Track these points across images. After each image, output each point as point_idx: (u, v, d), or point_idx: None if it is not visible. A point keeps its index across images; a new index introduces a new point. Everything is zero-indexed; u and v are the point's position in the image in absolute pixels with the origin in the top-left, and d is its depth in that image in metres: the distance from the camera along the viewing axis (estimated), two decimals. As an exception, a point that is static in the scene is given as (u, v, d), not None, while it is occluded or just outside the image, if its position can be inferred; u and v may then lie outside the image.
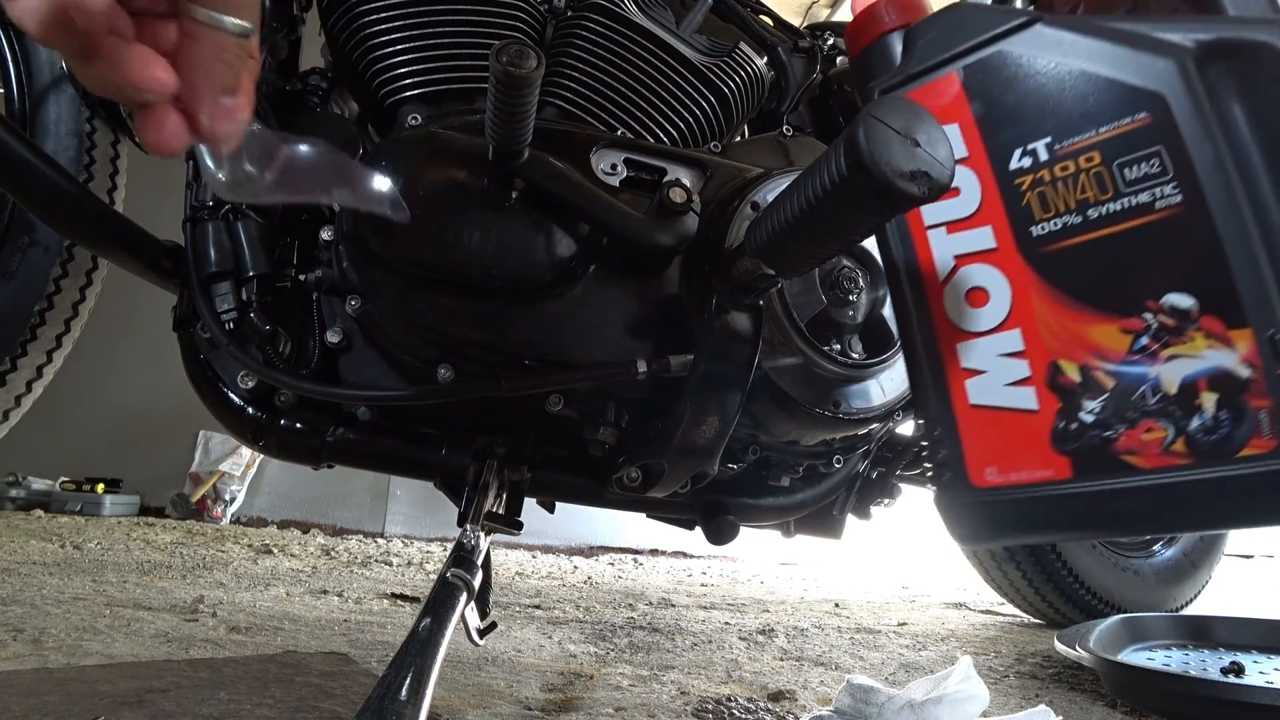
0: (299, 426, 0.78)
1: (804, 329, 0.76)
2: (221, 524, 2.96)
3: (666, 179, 0.78)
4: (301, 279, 0.78)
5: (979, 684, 0.66)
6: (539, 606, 1.56)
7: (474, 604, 0.66)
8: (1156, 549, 1.72)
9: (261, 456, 2.63)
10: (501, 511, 0.78)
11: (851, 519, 1.06)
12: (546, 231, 0.72)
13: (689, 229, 0.72)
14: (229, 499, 3.04)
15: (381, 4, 0.78)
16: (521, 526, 0.75)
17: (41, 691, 0.67)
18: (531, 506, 0.88)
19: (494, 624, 0.72)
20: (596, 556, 3.13)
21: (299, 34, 0.85)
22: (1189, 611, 1.73)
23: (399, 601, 1.47)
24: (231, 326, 0.75)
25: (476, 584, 0.64)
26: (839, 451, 0.94)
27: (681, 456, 0.74)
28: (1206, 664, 1.08)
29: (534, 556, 2.90)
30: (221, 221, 0.77)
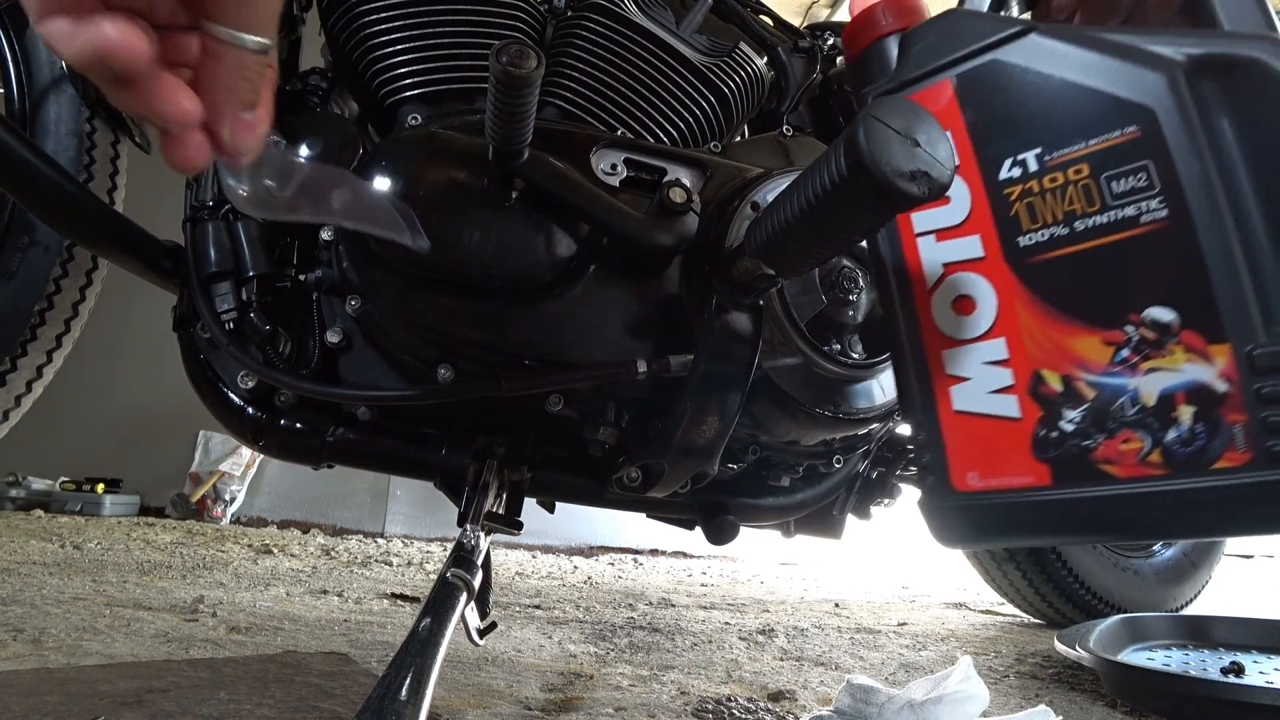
0: (299, 426, 0.78)
1: (804, 329, 0.76)
2: (221, 524, 2.96)
3: (666, 179, 0.78)
4: (301, 279, 0.78)
5: (979, 684, 0.66)
6: (539, 606, 1.56)
7: (474, 604, 0.66)
8: (1156, 549, 1.72)
9: (261, 456, 2.63)
10: (501, 511, 0.78)
11: (851, 519, 1.06)
12: (546, 231, 0.72)
13: (689, 229, 0.72)
14: (229, 499, 3.04)
15: (381, 4, 0.78)
16: (521, 526, 0.75)
17: (41, 691, 0.67)
18: (531, 506, 0.88)
19: (494, 624, 0.72)
20: (596, 556, 3.13)
21: (299, 34, 0.85)
22: (1189, 611, 1.73)
23: (399, 601, 1.47)
24: (231, 326, 0.75)
25: (476, 584, 0.64)
26: (839, 451, 0.94)
27: (681, 456, 0.74)
28: (1206, 664, 1.08)
29: (534, 556, 2.90)
30: (221, 221, 0.77)
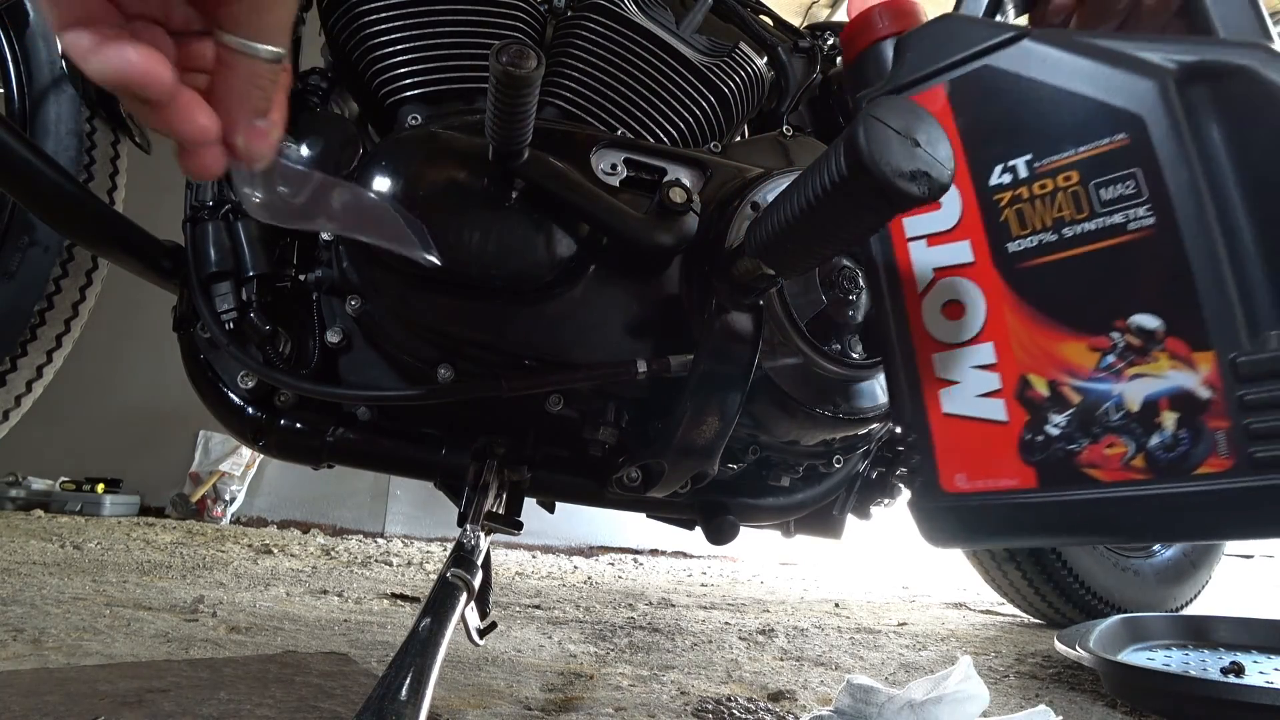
0: (299, 426, 0.78)
1: (804, 329, 0.76)
2: (221, 524, 2.96)
3: (666, 179, 0.78)
4: (301, 279, 0.78)
5: (979, 684, 0.66)
6: (539, 606, 1.56)
7: (474, 604, 0.66)
8: (1156, 549, 1.72)
9: (261, 456, 2.63)
10: (501, 511, 0.78)
11: (851, 519, 1.06)
12: (546, 231, 0.72)
13: (689, 229, 0.72)
14: (229, 499, 3.05)
15: (381, 4, 0.78)
16: (521, 526, 0.75)
17: (41, 691, 0.67)
18: (531, 506, 0.88)
19: (494, 624, 0.72)
20: (596, 556, 3.13)
21: (299, 34, 0.85)
22: (1189, 611, 1.73)
23: (399, 601, 1.47)
24: (231, 326, 0.75)
25: (476, 584, 0.64)
26: (839, 451, 0.94)
27: (681, 456, 0.74)
28: (1206, 664, 1.08)
29: (534, 556, 2.90)
30: (221, 221, 0.77)
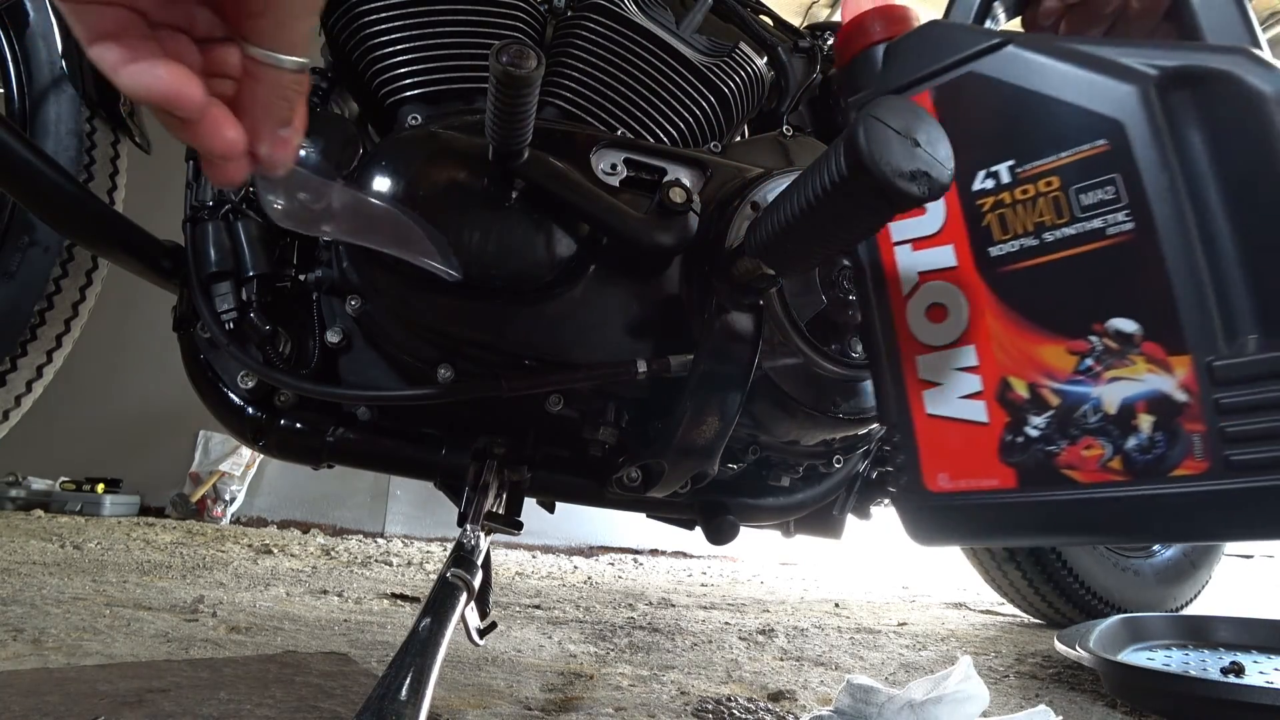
0: (299, 426, 0.78)
1: (804, 329, 0.76)
2: (221, 524, 2.96)
3: (666, 179, 0.78)
4: (301, 279, 0.78)
5: (979, 684, 0.66)
6: (539, 606, 1.56)
7: (474, 604, 0.66)
8: (1156, 549, 1.72)
9: (261, 456, 2.63)
10: (501, 511, 0.78)
11: (851, 519, 1.06)
12: (546, 231, 0.72)
13: (689, 229, 0.72)
14: (229, 499, 3.05)
15: (381, 4, 0.78)
16: (521, 526, 0.75)
17: (41, 691, 0.67)
18: (531, 506, 0.88)
19: (494, 624, 0.72)
20: (596, 556, 3.13)
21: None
22: (1189, 611, 1.73)
23: (399, 601, 1.47)
24: (231, 326, 0.75)
25: (476, 584, 0.64)
26: (839, 451, 0.94)
27: (681, 456, 0.74)
28: (1206, 664, 1.08)
29: (534, 556, 2.90)
30: (221, 221, 0.77)
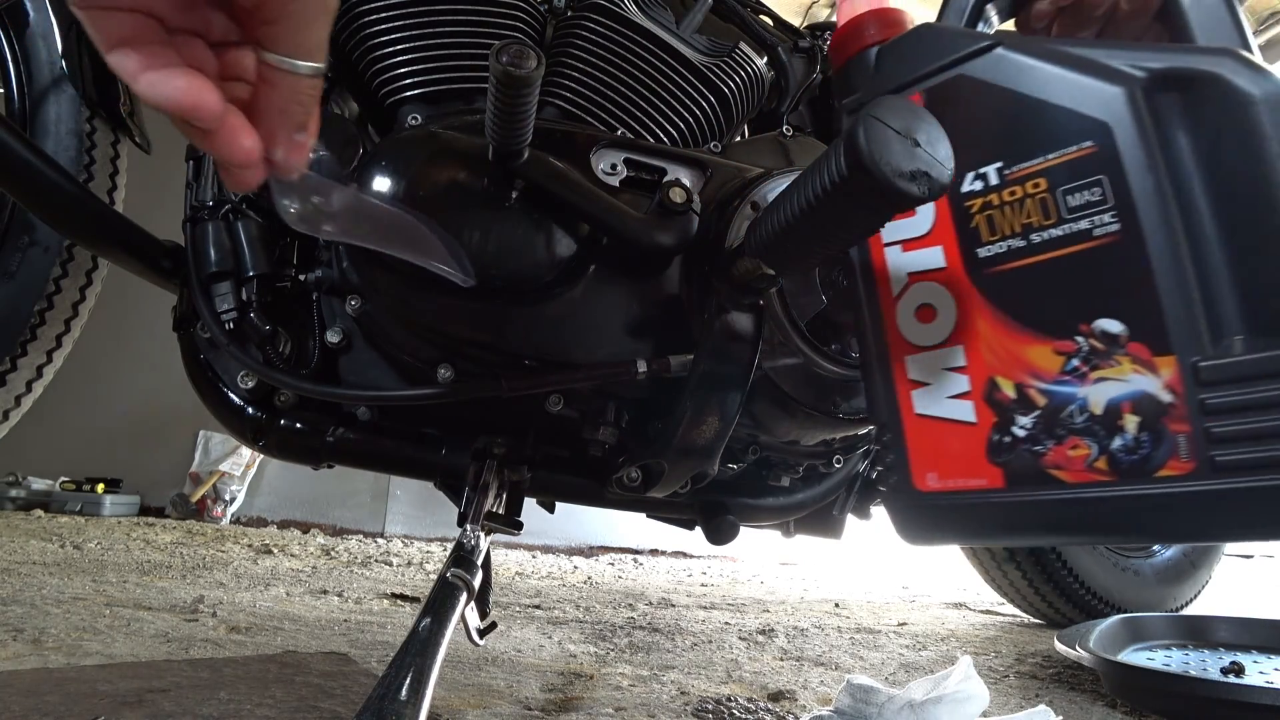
0: (299, 426, 0.78)
1: (804, 329, 0.76)
2: (221, 524, 2.96)
3: (666, 179, 0.78)
4: (301, 279, 0.78)
5: (979, 684, 0.66)
6: (539, 606, 1.56)
7: (474, 604, 0.66)
8: (1156, 549, 1.72)
9: (261, 456, 2.64)
10: (501, 511, 0.78)
11: (851, 519, 1.06)
12: (546, 231, 0.72)
13: (689, 229, 0.72)
14: (229, 499, 3.05)
15: (381, 4, 0.78)
16: (521, 526, 0.75)
17: (41, 691, 0.67)
18: (531, 506, 0.88)
19: (494, 624, 0.72)
20: (596, 556, 3.13)
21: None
22: (1189, 611, 1.73)
23: (399, 601, 1.47)
24: (231, 326, 0.75)
25: (476, 584, 0.64)
26: (839, 451, 0.94)
27: (681, 456, 0.74)
28: (1206, 664, 1.08)
29: (534, 556, 2.90)
30: (221, 221, 0.77)
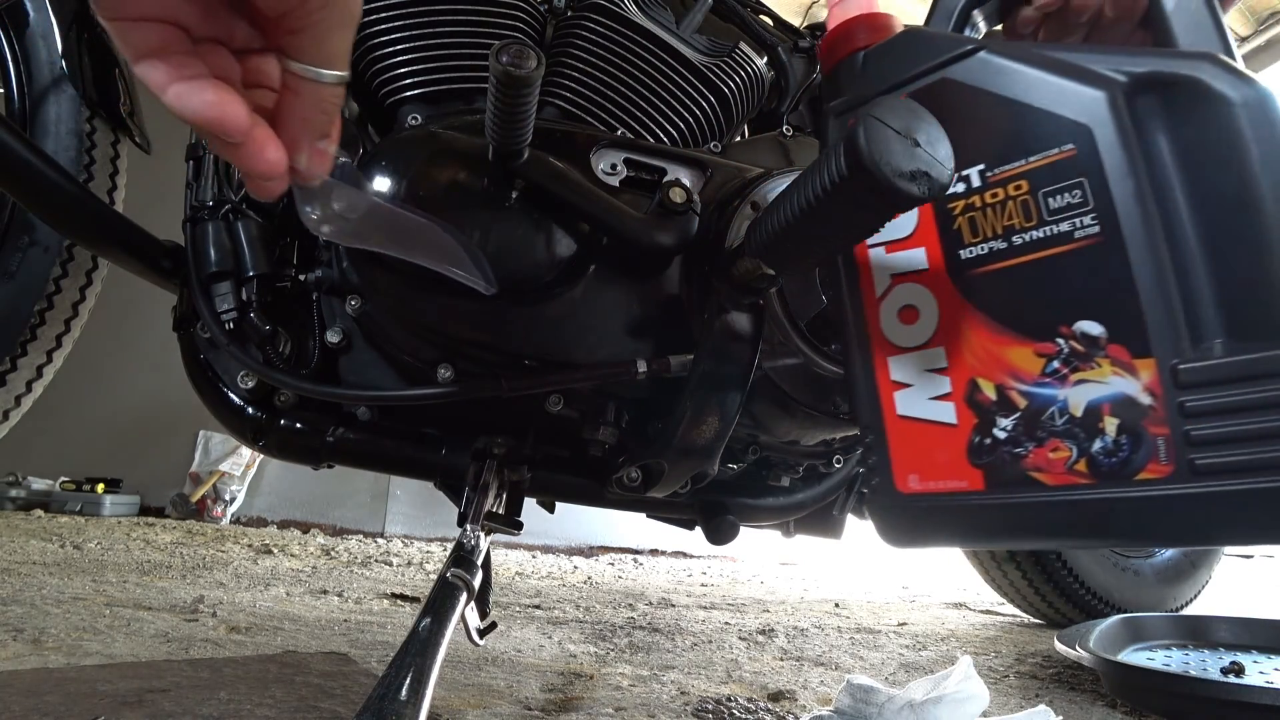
0: (299, 426, 0.78)
1: (804, 329, 0.76)
2: (221, 524, 2.96)
3: (666, 179, 0.78)
4: (301, 279, 0.78)
5: (979, 684, 0.66)
6: (539, 606, 1.56)
7: (474, 604, 0.66)
8: (1156, 549, 1.72)
9: (261, 456, 2.64)
10: (501, 511, 0.78)
11: (852, 519, 1.06)
12: (546, 231, 0.72)
13: (689, 229, 0.72)
14: (229, 499, 3.05)
15: (381, 4, 0.78)
16: (521, 526, 0.75)
17: (41, 691, 0.67)
18: (531, 506, 0.88)
19: (494, 624, 0.72)
20: (596, 556, 3.13)
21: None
22: (1189, 611, 1.73)
23: (399, 601, 1.47)
24: (231, 326, 0.75)
25: (476, 584, 0.64)
26: (839, 451, 0.94)
27: (681, 456, 0.74)
28: (1206, 664, 1.08)
29: (534, 556, 2.90)
30: (221, 221, 0.77)
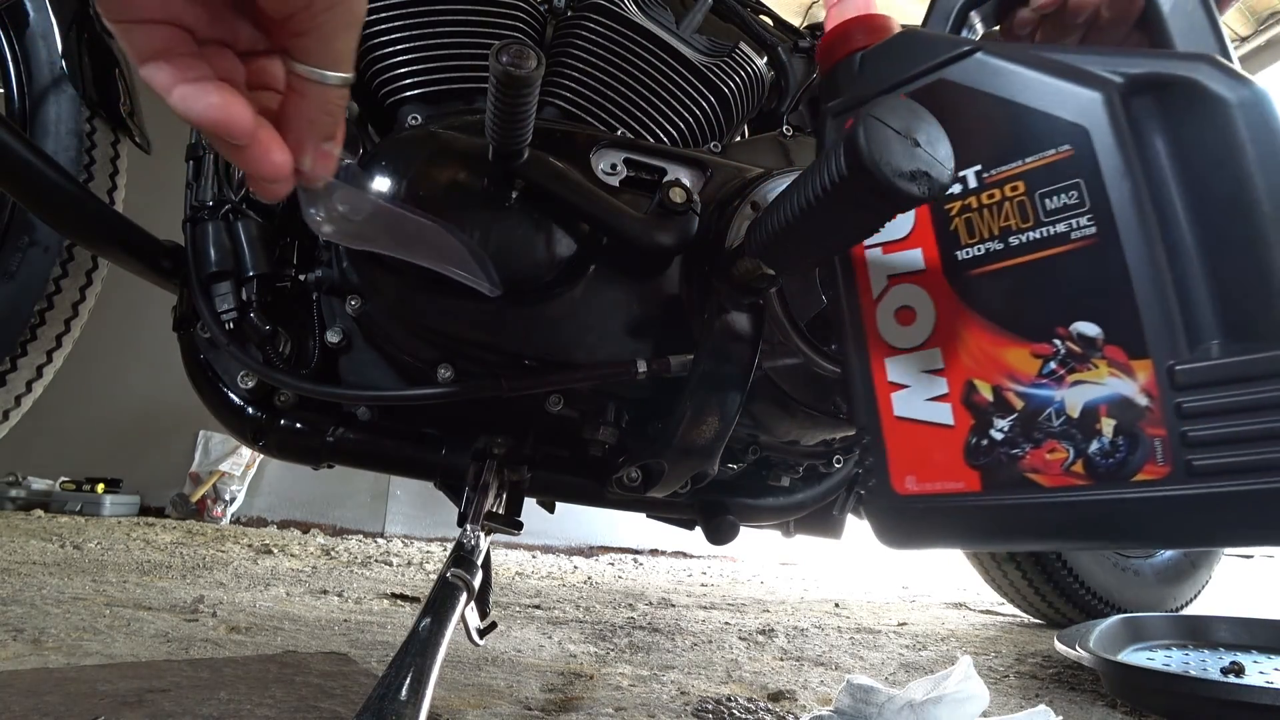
0: (299, 426, 0.78)
1: (804, 329, 0.76)
2: (221, 524, 2.96)
3: (666, 179, 0.78)
4: (301, 279, 0.78)
5: (979, 684, 0.66)
6: (539, 606, 1.56)
7: (474, 604, 0.66)
8: (1155, 550, 1.72)
9: (261, 456, 2.63)
10: (501, 511, 0.78)
11: (852, 519, 1.06)
12: (546, 232, 0.72)
13: (689, 229, 0.72)
14: (229, 499, 3.05)
15: (381, 4, 0.78)
16: (521, 526, 0.75)
17: (41, 691, 0.67)
18: (531, 506, 0.88)
19: (494, 624, 0.72)
20: (596, 556, 3.13)
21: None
22: (1189, 611, 1.73)
23: (399, 601, 1.47)
24: (231, 326, 0.75)
25: (476, 584, 0.64)
26: (839, 451, 0.94)
27: (681, 456, 0.74)
28: (1206, 664, 1.08)
29: (534, 556, 2.90)
30: (221, 221, 0.77)
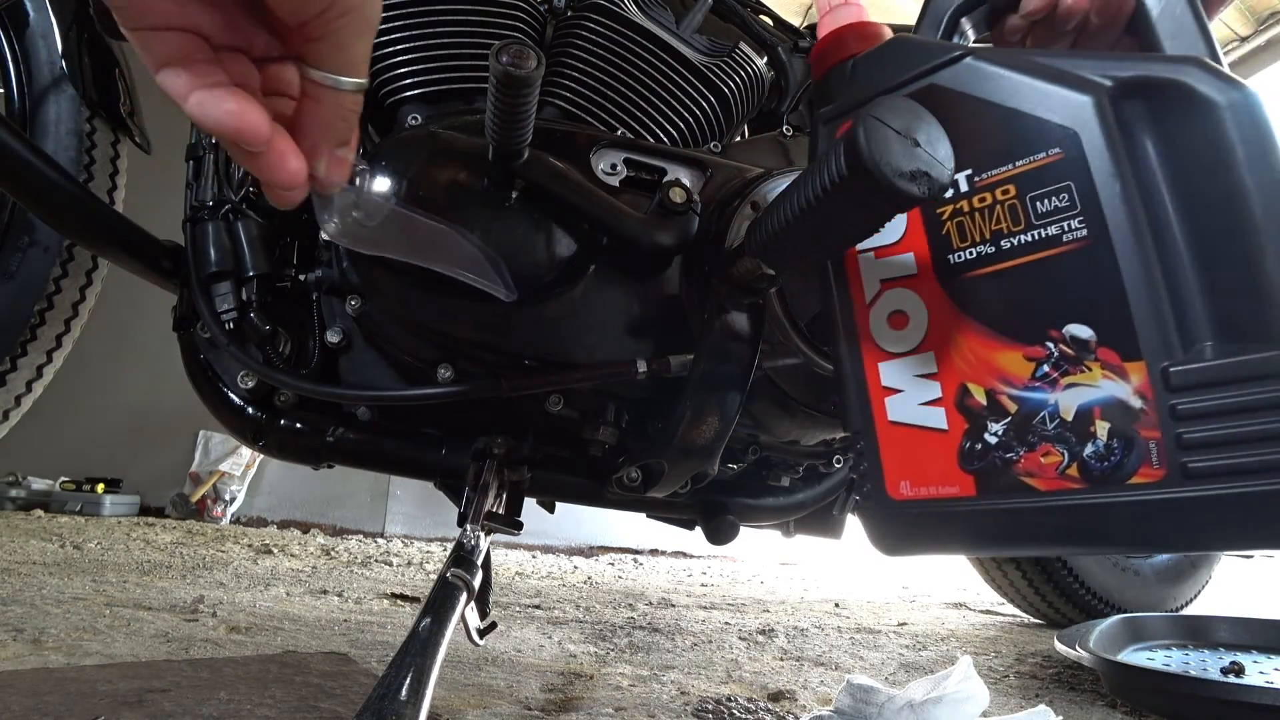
0: (299, 426, 0.78)
1: (804, 329, 0.76)
2: (221, 524, 2.96)
3: (666, 179, 0.78)
4: (301, 279, 0.78)
5: (979, 684, 0.66)
6: (539, 606, 1.56)
7: (474, 604, 0.66)
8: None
9: (261, 456, 2.63)
10: (501, 511, 0.78)
11: (851, 519, 1.06)
12: (546, 232, 0.72)
13: (689, 229, 0.72)
14: (229, 499, 3.05)
15: (381, 4, 0.78)
16: (521, 526, 0.75)
17: (41, 691, 0.67)
18: (531, 506, 0.88)
19: (494, 624, 0.72)
20: (596, 556, 3.13)
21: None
22: (1189, 611, 1.73)
23: (399, 601, 1.47)
24: (231, 326, 0.75)
25: (476, 584, 0.64)
26: (839, 451, 0.94)
27: (681, 456, 0.74)
28: (1206, 664, 1.08)
29: (534, 556, 2.90)
30: (221, 221, 0.77)
